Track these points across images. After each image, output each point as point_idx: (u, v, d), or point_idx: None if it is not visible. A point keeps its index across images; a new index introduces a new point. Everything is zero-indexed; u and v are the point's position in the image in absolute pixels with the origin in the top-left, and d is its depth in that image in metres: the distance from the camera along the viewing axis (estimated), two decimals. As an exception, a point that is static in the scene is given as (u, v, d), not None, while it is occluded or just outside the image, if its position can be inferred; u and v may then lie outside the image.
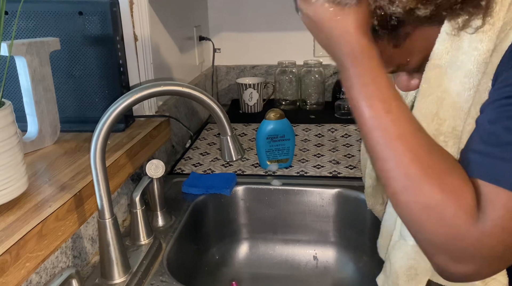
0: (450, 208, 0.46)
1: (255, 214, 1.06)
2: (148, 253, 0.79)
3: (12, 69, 0.83)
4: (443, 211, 0.47)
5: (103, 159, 0.66)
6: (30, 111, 0.83)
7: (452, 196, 0.47)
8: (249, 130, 1.37)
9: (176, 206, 0.96)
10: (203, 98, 0.69)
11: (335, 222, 1.03)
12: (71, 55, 0.91)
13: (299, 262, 1.06)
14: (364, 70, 0.51)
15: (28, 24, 0.89)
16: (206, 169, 1.12)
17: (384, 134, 0.50)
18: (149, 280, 0.75)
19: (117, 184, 0.84)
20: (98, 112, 0.90)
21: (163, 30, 1.19)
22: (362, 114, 0.51)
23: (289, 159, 1.11)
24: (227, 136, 0.73)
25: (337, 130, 1.34)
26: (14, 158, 0.63)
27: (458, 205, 0.46)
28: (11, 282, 0.56)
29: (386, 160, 0.50)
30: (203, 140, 1.31)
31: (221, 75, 1.73)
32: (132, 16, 1.01)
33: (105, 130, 0.65)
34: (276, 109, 1.09)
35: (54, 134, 0.87)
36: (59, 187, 0.70)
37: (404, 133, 0.49)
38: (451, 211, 0.46)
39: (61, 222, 0.66)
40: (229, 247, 1.07)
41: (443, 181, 0.47)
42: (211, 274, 1.00)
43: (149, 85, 0.67)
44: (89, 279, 0.73)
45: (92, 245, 0.79)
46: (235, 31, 1.68)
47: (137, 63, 1.05)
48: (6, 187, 0.62)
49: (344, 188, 1.01)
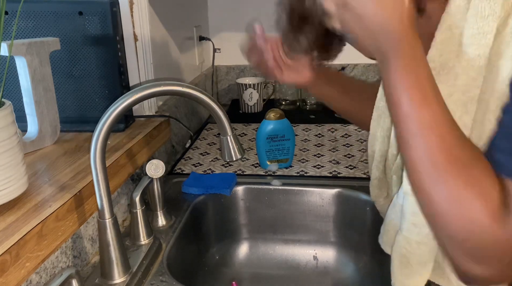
0: (473, 201, 0.46)
1: (255, 214, 1.06)
2: (148, 253, 0.79)
3: (12, 69, 0.83)
4: (466, 204, 0.46)
5: (103, 159, 0.66)
6: (30, 111, 0.83)
7: (477, 190, 0.46)
8: (249, 130, 1.37)
9: (176, 206, 0.96)
10: (203, 98, 0.69)
11: (335, 222, 1.03)
12: (71, 55, 0.91)
13: (299, 262, 1.06)
14: (407, 59, 0.51)
15: (28, 24, 0.89)
16: (206, 169, 1.12)
17: (417, 123, 0.50)
18: (149, 280, 0.75)
19: (117, 184, 0.84)
20: (98, 112, 0.90)
21: (163, 30, 1.19)
22: (399, 102, 0.51)
23: (289, 159, 1.11)
24: (227, 136, 0.73)
25: (337, 130, 1.34)
26: (14, 158, 0.63)
27: (482, 200, 0.46)
28: (11, 282, 0.56)
29: (416, 148, 0.50)
30: (203, 140, 1.31)
31: (221, 75, 1.73)
32: (132, 16, 1.01)
33: (105, 130, 0.65)
34: (276, 109, 1.09)
35: (54, 134, 0.87)
36: (59, 187, 0.70)
37: (437, 124, 0.49)
38: (475, 205, 0.46)
39: (61, 222, 0.66)
40: (229, 247, 1.07)
41: (469, 174, 0.47)
42: (211, 274, 1.00)
43: (149, 85, 0.67)
44: (89, 279, 0.73)
45: (92, 245, 0.79)
46: (235, 31, 1.68)
47: (137, 63, 1.05)
48: (6, 187, 0.62)
49: (344, 188, 1.01)
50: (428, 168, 0.49)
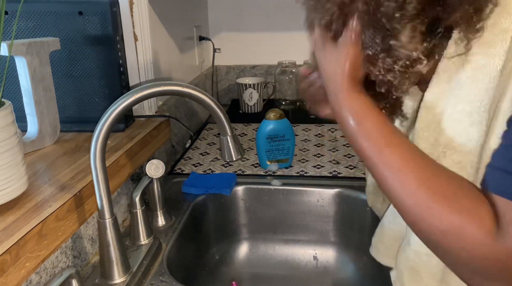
0: (466, 229, 0.46)
1: (255, 214, 1.06)
2: (148, 253, 0.79)
3: (12, 69, 0.83)
4: (461, 233, 0.46)
5: (103, 159, 0.66)
6: (30, 111, 0.83)
7: (467, 217, 0.46)
8: (249, 130, 1.37)
9: (176, 206, 0.96)
10: (203, 98, 0.69)
11: (335, 222, 1.03)
12: (71, 55, 0.91)
13: (299, 262, 1.06)
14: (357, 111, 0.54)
15: (28, 24, 0.89)
16: (206, 169, 1.12)
17: (387, 168, 0.51)
18: (149, 280, 0.75)
19: (117, 184, 0.84)
20: (98, 112, 0.89)
21: (163, 30, 1.19)
22: (362, 151, 0.53)
23: (289, 159, 1.11)
24: (227, 136, 0.73)
25: (337, 130, 1.34)
26: (14, 158, 0.63)
27: (474, 225, 0.46)
28: (11, 282, 0.56)
29: (395, 193, 0.51)
30: (203, 140, 1.31)
31: (221, 75, 1.73)
32: (132, 16, 1.01)
33: (105, 130, 0.65)
34: (276, 109, 1.09)
35: (54, 134, 0.87)
36: (59, 187, 0.70)
37: (406, 164, 0.50)
38: (469, 232, 0.46)
39: (61, 222, 0.66)
40: (229, 247, 1.07)
41: (454, 203, 0.47)
42: (211, 274, 1.00)
43: (149, 85, 0.67)
44: (89, 279, 0.73)
45: (92, 245, 0.79)
46: (235, 31, 1.68)
47: (137, 63, 1.05)
48: (6, 187, 0.62)
49: (344, 188, 1.01)
50: (413, 208, 0.50)
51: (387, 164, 0.51)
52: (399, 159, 0.51)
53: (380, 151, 0.52)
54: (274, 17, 1.63)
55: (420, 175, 0.50)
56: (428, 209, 0.48)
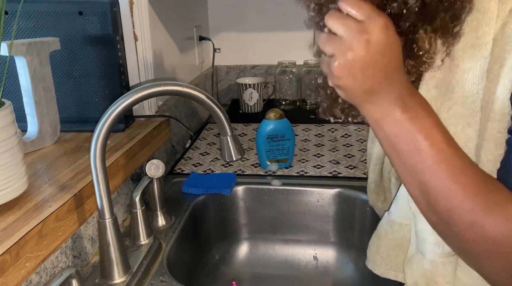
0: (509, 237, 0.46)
1: (255, 214, 1.06)
2: (148, 253, 0.79)
3: (12, 69, 0.83)
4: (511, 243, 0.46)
5: (103, 159, 0.66)
6: (30, 111, 0.83)
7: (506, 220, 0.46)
8: (249, 130, 1.37)
9: (176, 206, 0.96)
10: (203, 98, 0.69)
11: (335, 222, 1.03)
12: (71, 55, 0.91)
13: (299, 262, 1.06)
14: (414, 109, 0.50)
15: (28, 24, 0.89)
16: (206, 169, 1.12)
17: (450, 168, 0.48)
18: (149, 280, 0.75)
19: (117, 184, 0.84)
20: (98, 112, 0.90)
21: (163, 30, 1.19)
22: (419, 151, 0.49)
23: (289, 159, 1.11)
24: (227, 136, 0.73)
25: (337, 130, 1.34)
26: (14, 158, 0.63)
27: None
28: (11, 282, 0.56)
29: (450, 197, 0.48)
30: (203, 140, 1.31)
31: (221, 75, 1.73)
32: (132, 16, 1.01)
33: (105, 130, 0.65)
34: (276, 109, 1.09)
35: (54, 134, 0.87)
36: (59, 187, 0.70)
37: (465, 166, 0.49)
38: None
39: (61, 222, 0.66)
40: (229, 247, 1.07)
41: (506, 212, 0.47)
42: (211, 274, 1.00)
43: (149, 85, 0.67)
44: (89, 279, 0.73)
45: (92, 245, 0.79)
46: (235, 31, 1.68)
47: (137, 63, 1.05)
48: (6, 187, 0.62)
49: (344, 188, 1.01)
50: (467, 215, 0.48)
51: (451, 163, 0.48)
52: (460, 159, 0.49)
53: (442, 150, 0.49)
54: (274, 17, 1.63)
55: (476, 179, 0.48)
56: (482, 216, 0.47)
